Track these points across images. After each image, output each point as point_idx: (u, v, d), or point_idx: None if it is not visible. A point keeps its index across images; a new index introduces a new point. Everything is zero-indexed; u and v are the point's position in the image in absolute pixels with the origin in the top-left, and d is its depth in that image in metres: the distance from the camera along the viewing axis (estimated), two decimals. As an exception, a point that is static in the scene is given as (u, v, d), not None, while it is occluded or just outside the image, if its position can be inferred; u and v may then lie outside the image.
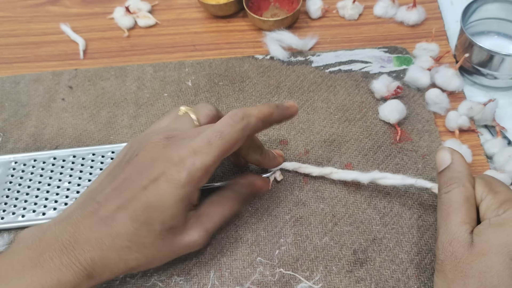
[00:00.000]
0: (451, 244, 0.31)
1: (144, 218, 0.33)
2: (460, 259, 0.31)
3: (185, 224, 0.35)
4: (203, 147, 0.33)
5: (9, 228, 0.43)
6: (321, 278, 0.38)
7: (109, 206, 0.33)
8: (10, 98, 0.53)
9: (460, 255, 0.31)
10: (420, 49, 0.52)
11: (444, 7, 0.58)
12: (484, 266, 0.30)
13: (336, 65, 0.52)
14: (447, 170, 0.34)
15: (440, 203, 0.34)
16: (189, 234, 0.35)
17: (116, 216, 0.33)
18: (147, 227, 0.33)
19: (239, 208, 0.39)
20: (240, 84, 0.52)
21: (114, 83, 0.53)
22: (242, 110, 0.35)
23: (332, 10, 0.59)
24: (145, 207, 0.33)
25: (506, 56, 0.45)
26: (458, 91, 0.49)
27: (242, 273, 0.39)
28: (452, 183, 0.34)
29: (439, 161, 0.35)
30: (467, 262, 0.30)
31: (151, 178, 0.33)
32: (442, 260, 0.32)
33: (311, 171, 0.43)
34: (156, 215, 0.33)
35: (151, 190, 0.33)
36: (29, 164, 0.46)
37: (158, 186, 0.33)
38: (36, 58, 0.58)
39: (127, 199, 0.33)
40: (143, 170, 0.34)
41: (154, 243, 0.33)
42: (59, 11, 0.63)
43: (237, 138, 0.34)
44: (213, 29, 0.59)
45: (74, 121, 0.50)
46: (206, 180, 0.34)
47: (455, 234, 0.32)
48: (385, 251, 0.39)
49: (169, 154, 0.33)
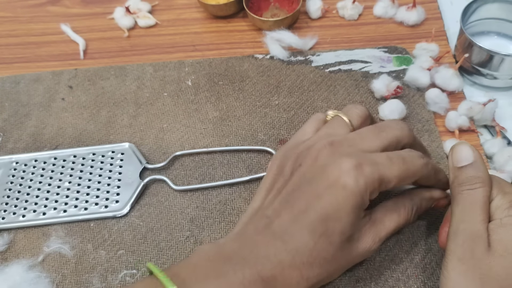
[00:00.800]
0: (474, 241, 0.30)
1: (322, 230, 0.31)
2: (480, 259, 0.30)
3: (359, 230, 0.33)
4: (383, 161, 0.32)
5: (10, 228, 0.43)
6: (321, 277, 0.38)
7: (281, 220, 0.32)
8: (10, 98, 0.53)
9: (480, 255, 0.30)
10: (420, 49, 0.52)
11: (444, 7, 0.58)
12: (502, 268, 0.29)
13: (336, 64, 0.52)
14: (471, 167, 0.33)
15: (461, 198, 0.32)
16: (364, 241, 0.33)
17: (291, 230, 0.31)
18: (327, 239, 0.31)
19: (413, 220, 0.36)
20: (240, 84, 0.52)
21: (114, 83, 0.53)
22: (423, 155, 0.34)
23: (332, 10, 0.59)
24: (322, 217, 0.31)
25: (506, 56, 0.45)
26: (458, 91, 0.49)
27: (242, 273, 0.39)
28: (478, 181, 0.32)
29: (460, 156, 0.33)
30: (487, 262, 0.29)
31: (325, 185, 0.31)
32: (460, 258, 0.30)
33: None
34: (335, 225, 0.31)
35: (326, 198, 0.31)
36: (29, 164, 0.46)
37: (335, 193, 0.31)
38: (36, 58, 0.58)
39: (300, 211, 0.31)
40: (314, 179, 0.32)
41: (335, 256, 0.31)
42: (59, 11, 0.63)
43: (416, 171, 0.33)
44: (213, 29, 0.59)
45: (74, 120, 0.51)
46: (376, 194, 0.32)
47: (479, 232, 0.30)
48: (385, 251, 0.39)
49: (341, 160, 0.31)
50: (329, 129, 0.36)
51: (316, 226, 0.31)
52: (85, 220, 0.43)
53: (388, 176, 0.31)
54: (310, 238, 0.31)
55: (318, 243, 0.31)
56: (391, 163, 0.32)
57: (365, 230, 0.33)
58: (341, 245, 0.31)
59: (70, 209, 0.43)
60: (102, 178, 0.45)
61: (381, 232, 0.34)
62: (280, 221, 0.32)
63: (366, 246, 0.33)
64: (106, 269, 0.40)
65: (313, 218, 0.31)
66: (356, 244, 0.33)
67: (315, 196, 0.31)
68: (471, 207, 0.32)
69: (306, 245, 0.31)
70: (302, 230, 0.31)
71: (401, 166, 0.32)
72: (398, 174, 0.32)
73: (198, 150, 0.46)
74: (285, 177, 0.34)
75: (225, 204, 0.43)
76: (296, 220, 0.31)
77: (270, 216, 0.32)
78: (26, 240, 0.42)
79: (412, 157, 0.33)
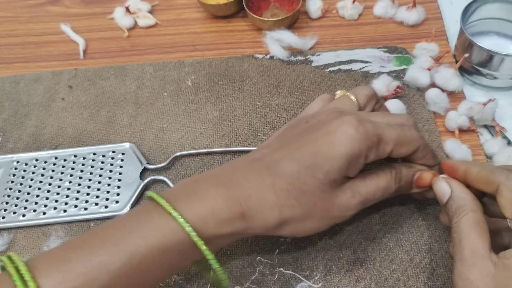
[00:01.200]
0: (470, 271, 0.30)
1: (309, 163, 0.32)
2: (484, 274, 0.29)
3: (343, 183, 0.34)
4: (384, 124, 0.34)
5: (10, 228, 0.43)
6: (321, 277, 0.38)
7: (274, 155, 0.33)
8: (10, 98, 0.53)
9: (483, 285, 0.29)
10: (420, 49, 0.53)
11: (444, 7, 0.58)
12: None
13: (336, 64, 0.52)
14: (451, 200, 0.34)
15: (452, 233, 0.33)
16: (345, 192, 0.34)
17: (282, 160, 0.32)
18: (311, 173, 0.32)
19: (394, 185, 0.36)
20: (240, 84, 0.52)
21: (114, 83, 0.53)
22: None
23: (332, 10, 0.59)
24: (312, 152, 0.32)
25: (505, 56, 0.45)
26: (458, 91, 0.49)
27: (242, 273, 0.39)
28: (461, 211, 0.33)
29: (439, 194, 0.35)
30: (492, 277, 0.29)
31: (325, 131, 0.33)
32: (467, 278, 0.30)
33: None
34: (323, 162, 0.32)
35: (323, 139, 0.32)
36: (30, 164, 0.46)
37: (333, 136, 0.32)
38: (36, 58, 0.58)
39: (295, 147, 0.33)
40: (316, 128, 0.34)
41: (314, 192, 0.32)
42: (59, 11, 0.63)
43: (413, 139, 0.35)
44: (213, 29, 0.59)
45: (74, 120, 0.51)
46: (374, 155, 0.33)
47: (470, 260, 0.30)
48: (384, 251, 0.39)
49: (345, 117, 0.33)
50: (337, 104, 0.38)
51: (306, 158, 0.32)
52: (85, 220, 0.43)
53: (386, 136, 0.33)
54: (296, 167, 0.32)
55: (302, 173, 0.32)
56: (390, 127, 0.34)
57: (346, 185, 0.34)
58: (322, 185, 0.32)
59: (70, 209, 0.43)
60: (102, 178, 0.45)
61: (361, 188, 0.35)
62: (273, 155, 0.33)
63: (345, 196, 0.34)
64: (106, 269, 0.40)
65: (305, 151, 0.32)
66: (337, 192, 0.33)
67: (313, 139, 0.33)
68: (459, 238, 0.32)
69: (289, 173, 0.32)
70: (291, 160, 0.32)
71: (399, 132, 0.34)
72: (395, 137, 0.34)
73: (198, 151, 0.46)
74: (291, 131, 0.36)
75: (225, 204, 0.43)
76: (288, 153, 0.33)
77: (265, 152, 0.34)
78: (26, 240, 0.42)
79: (409, 128, 0.35)
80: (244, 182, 0.32)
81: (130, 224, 0.30)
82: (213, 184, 0.32)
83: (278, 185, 0.32)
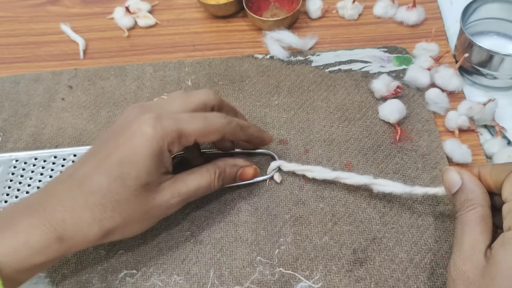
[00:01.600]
0: (465, 263, 0.31)
1: (117, 173, 0.33)
2: (472, 281, 0.30)
3: (159, 184, 0.35)
4: (185, 117, 0.35)
5: (9, 228, 0.43)
6: (321, 277, 0.38)
7: (84, 168, 0.34)
8: (10, 98, 0.53)
9: (473, 276, 0.30)
10: (419, 49, 0.53)
11: (444, 7, 0.58)
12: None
13: (335, 64, 0.52)
14: (461, 191, 0.33)
15: (455, 223, 0.33)
16: (162, 193, 0.35)
17: (91, 174, 0.33)
18: (121, 182, 0.33)
19: (217, 183, 0.38)
20: (239, 84, 0.52)
21: (114, 83, 0.53)
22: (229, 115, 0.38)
23: (332, 10, 0.59)
24: (119, 161, 0.33)
25: (505, 56, 0.45)
26: (458, 91, 0.49)
27: (241, 273, 0.39)
28: (469, 205, 0.33)
29: (449, 183, 0.34)
30: (478, 285, 0.30)
31: (127, 135, 0.34)
32: (454, 279, 0.31)
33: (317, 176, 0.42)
34: (130, 169, 0.33)
35: (125, 144, 0.33)
36: (29, 163, 0.46)
37: (133, 139, 0.33)
38: (36, 58, 0.58)
39: (102, 158, 0.33)
40: (119, 131, 0.35)
41: (128, 199, 0.33)
42: (59, 11, 0.63)
43: (217, 127, 0.36)
44: (213, 29, 0.59)
45: (74, 120, 0.51)
46: (177, 148, 0.35)
47: (468, 253, 0.31)
48: (384, 251, 0.39)
49: (144, 115, 0.34)
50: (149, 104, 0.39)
51: (113, 169, 0.33)
52: (85, 220, 0.43)
53: (187, 129, 0.35)
54: (105, 180, 0.33)
55: (112, 185, 0.32)
56: (192, 119, 0.35)
57: (165, 185, 0.35)
58: (135, 191, 0.33)
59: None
60: (102, 178, 0.45)
61: (182, 188, 0.36)
62: (83, 169, 0.34)
63: (164, 198, 0.35)
64: (106, 269, 0.40)
65: (111, 162, 0.33)
66: (154, 194, 0.35)
67: (117, 145, 0.34)
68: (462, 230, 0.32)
69: (100, 187, 0.32)
70: (100, 174, 0.33)
71: (202, 123, 0.35)
72: (197, 129, 0.35)
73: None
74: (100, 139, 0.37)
75: (225, 204, 0.43)
76: (97, 166, 0.33)
77: (76, 167, 0.34)
78: (26, 240, 0.42)
79: (214, 117, 0.37)
80: (57, 206, 0.32)
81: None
82: (26, 214, 0.32)
83: (92, 201, 0.32)
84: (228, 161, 0.40)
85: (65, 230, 0.32)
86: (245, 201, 0.43)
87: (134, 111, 0.36)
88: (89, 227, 0.32)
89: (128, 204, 0.33)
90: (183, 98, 0.38)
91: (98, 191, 0.32)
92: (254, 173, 0.41)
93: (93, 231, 0.32)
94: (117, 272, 0.39)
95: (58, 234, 0.31)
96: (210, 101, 0.38)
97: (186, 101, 0.37)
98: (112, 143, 0.34)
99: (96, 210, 0.32)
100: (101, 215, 0.32)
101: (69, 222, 0.32)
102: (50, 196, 0.33)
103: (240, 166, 0.41)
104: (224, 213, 0.42)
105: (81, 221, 0.32)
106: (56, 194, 0.33)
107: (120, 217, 0.33)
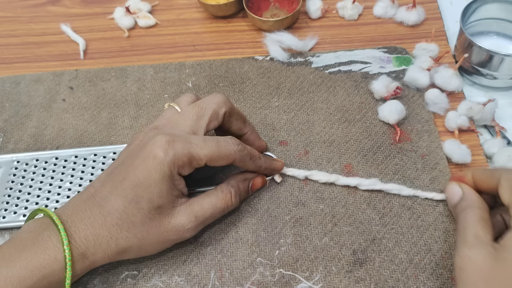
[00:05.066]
0: (471, 250, 0.32)
1: (132, 196, 0.34)
2: (481, 265, 0.31)
3: (174, 207, 0.36)
4: (198, 141, 0.36)
5: (11, 227, 0.43)
6: (321, 278, 0.38)
7: (103, 190, 0.35)
8: (10, 98, 0.54)
9: (481, 261, 0.31)
10: (419, 49, 0.53)
11: (444, 7, 0.58)
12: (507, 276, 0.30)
13: (335, 65, 0.52)
14: (462, 200, 0.37)
15: (457, 224, 0.36)
16: (177, 217, 0.36)
17: (109, 196, 0.35)
18: (136, 205, 0.34)
19: (233, 202, 0.39)
20: (240, 85, 0.52)
21: (115, 84, 0.54)
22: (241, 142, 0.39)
23: (332, 10, 0.59)
24: (133, 185, 0.34)
25: (505, 56, 0.46)
26: (458, 91, 0.49)
27: (242, 274, 0.39)
28: (469, 209, 0.36)
29: (451, 194, 0.39)
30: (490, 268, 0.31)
31: (142, 157, 0.35)
32: (461, 268, 0.32)
33: (319, 179, 0.43)
34: (143, 192, 0.34)
35: (139, 167, 0.35)
36: (31, 164, 0.47)
37: (146, 163, 0.35)
38: (37, 58, 0.58)
39: (119, 181, 0.35)
40: (135, 154, 0.36)
41: (143, 222, 0.35)
42: (60, 11, 0.63)
43: (228, 154, 0.37)
44: (213, 29, 0.59)
45: (74, 122, 0.51)
46: (188, 171, 0.36)
47: (473, 242, 0.33)
48: (384, 251, 0.39)
49: (158, 137, 0.35)
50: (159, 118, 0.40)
51: (128, 192, 0.35)
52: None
53: (199, 154, 0.36)
54: (122, 202, 0.34)
55: (128, 207, 0.34)
56: (204, 144, 0.36)
57: (180, 208, 0.36)
58: (150, 214, 0.35)
59: (71, 210, 0.43)
60: (103, 179, 0.45)
61: (197, 212, 0.37)
62: (103, 190, 0.36)
63: (180, 222, 0.36)
64: (107, 270, 0.40)
65: (127, 185, 0.35)
66: (169, 218, 0.36)
67: (132, 167, 0.35)
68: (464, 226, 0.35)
69: (117, 209, 0.34)
70: (117, 196, 0.35)
71: (213, 148, 0.36)
72: (209, 154, 0.36)
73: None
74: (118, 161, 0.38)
75: (225, 205, 0.43)
76: (114, 188, 0.35)
77: (96, 187, 0.36)
78: (27, 241, 0.42)
79: (226, 143, 0.37)
80: (80, 224, 0.34)
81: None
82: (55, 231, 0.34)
83: (110, 222, 0.34)
84: (238, 177, 0.41)
85: (87, 247, 0.34)
86: (245, 202, 0.43)
87: (150, 133, 0.38)
88: (107, 245, 0.35)
89: (142, 226, 0.35)
90: (195, 112, 0.39)
91: (115, 212, 0.34)
92: (262, 182, 0.42)
93: (110, 249, 0.35)
94: (119, 273, 0.40)
95: (82, 251, 0.34)
96: (221, 108, 0.39)
97: (198, 115, 0.38)
98: (128, 166, 0.36)
99: (113, 230, 0.35)
100: (117, 235, 0.35)
101: (91, 239, 0.34)
102: (75, 213, 0.35)
103: (250, 178, 0.42)
104: (225, 214, 0.42)
105: (100, 239, 0.34)
106: (79, 212, 0.35)
107: (135, 238, 0.35)
